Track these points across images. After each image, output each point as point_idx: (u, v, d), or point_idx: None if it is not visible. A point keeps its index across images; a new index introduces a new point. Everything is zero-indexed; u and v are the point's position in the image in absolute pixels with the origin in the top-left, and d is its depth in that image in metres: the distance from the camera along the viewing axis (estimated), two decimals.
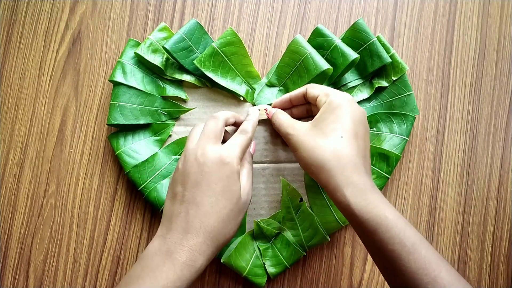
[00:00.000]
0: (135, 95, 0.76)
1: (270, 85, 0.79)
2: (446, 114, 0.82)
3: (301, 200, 0.78)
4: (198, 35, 0.77)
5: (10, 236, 0.81)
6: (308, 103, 0.75)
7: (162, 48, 0.77)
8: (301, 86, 0.75)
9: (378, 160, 0.78)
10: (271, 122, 0.74)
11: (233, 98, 0.79)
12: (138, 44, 0.79)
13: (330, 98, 0.66)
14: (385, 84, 0.78)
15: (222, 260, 0.75)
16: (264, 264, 0.77)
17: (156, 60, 0.77)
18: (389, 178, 0.78)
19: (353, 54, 0.74)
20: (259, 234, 0.78)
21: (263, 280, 0.77)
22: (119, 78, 0.76)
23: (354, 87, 0.79)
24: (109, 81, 0.77)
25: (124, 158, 0.77)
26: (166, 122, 0.79)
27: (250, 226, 0.79)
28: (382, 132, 0.78)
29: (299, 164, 0.68)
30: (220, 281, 0.80)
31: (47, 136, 0.82)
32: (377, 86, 0.78)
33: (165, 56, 0.77)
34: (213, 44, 0.75)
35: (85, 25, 0.83)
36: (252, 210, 0.79)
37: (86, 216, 0.81)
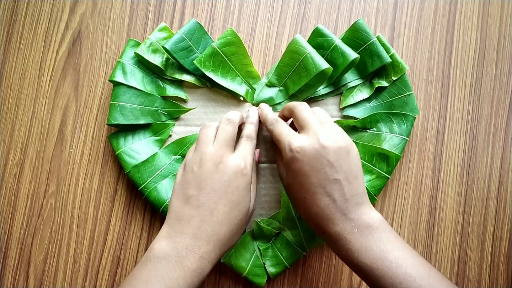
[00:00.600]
0: (135, 95, 0.77)
1: (270, 85, 0.79)
2: (446, 114, 0.82)
3: None
4: (198, 35, 0.77)
5: (10, 236, 0.81)
6: None
7: (162, 48, 0.77)
8: (301, 85, 0.75)
9: (378, 160, 0.78)
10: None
11: (233, 98, 0.79)
12: (138, 44, 0.79)
13: (284, 156, 0.65)
14: (385, 84, 0.78)
15: (222, 260, 0.75)
16: (264, 264, 0.77)
17: (156, 60, 0.77)
18: (389, 178, 0.78)
19: (353, 54, 0.74)
20: (259, 234, 0.78)
21: (263, 280, 0.77)
22: (119, 78, 0.76)
23: (354, 87, 0.79)
24: (109, 81, 0.77)
25: (124, 158, 0.77)
26: (166, 122, 0.79)
27: (250, 226, 0.79)
28: (382, 132, 0.78)
29: None
30: (220, 281, 0.80)
31: (47, 136, 0.82)
32: (377, 86, 0.78)
33: (165, 56, 0.77)
34: (213, 44, 0.75)
35: (85, 25, 0.83)
36: None
37: (86, 216, 0.81)
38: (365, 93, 0.79)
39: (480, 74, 0.83)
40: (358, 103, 0.80)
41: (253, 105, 0.79)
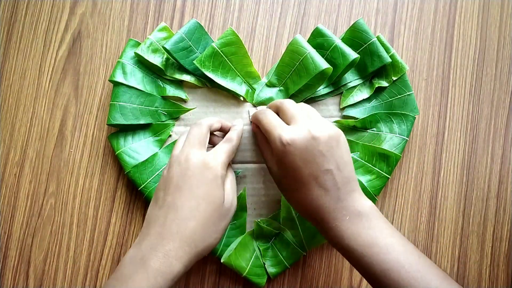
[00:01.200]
0: (135, 95, 0.77)
1: (270, 85, 0.79)
2: (446, 114, 0.82)
3: None
4: (198, 35, 0.77)
5: (10, 236, 0.81)
6: None
7: (162, 48, 0.77)
8: (301, 85, 0.75)
9: (378, 160, 0.78)
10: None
11: (233, 98, 0.79)
12: (138, 44, 0.79)
13: (274, 148, 0.64)
14: (385, 84, 0.78)
15: (222, 260, 0.75)
16: (264, 264, 0.77)
17: (156, 60, 0.77)
18: (389, 178, 0.78)
19: (353, 54, 0.74)
20: (259, 234, 0.78)
21: (263, 280, 0.77)
22: (119, 78, 0.76)
23: (354, 87, 0.79)
24: (109, 81, 0.77)
25: (124, 158, 0.77)
26: (166, 122, 0.79)
27: (250, 226, 0.79)
28: (382, 132, 0.78)
29: None
30: (220, 281, 0.80)
31: (47, 136, 0.82)
32: (377, 86, 0.78)
33: (165, 56, 0.77)
34: (213, 44, 0.75)
35: (85, 25, 0.83)
36: (252, 210, 0.79)
37: (86, 216, 0.81)
38: (365, 93, 0.79)
39: (480, 74, 0.83)
40: (358, 103, 0.80)
41: (253, 105, 0.79)
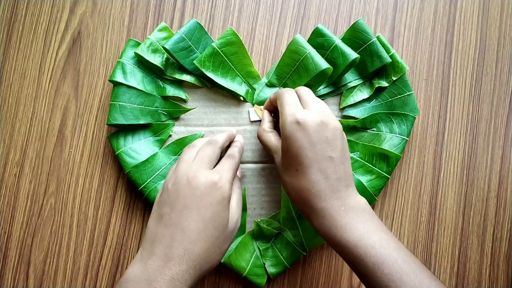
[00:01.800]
0: (135, 95, 0.76)
1: (270, 85, 0.79)
2: (446, 114, 0.82)
3: None
4: (198, 35, 0.77)
5: (10, 236, 0.81)
6: None
7: (162, 48, 0.77)
8: (300, 85, 0.75)
9: (378, 160, 0.78)
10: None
11: (233, 98, 0.79)
12: (138, 44, 0.79)
13: (281, 124, 0.65)
14: (385, 84, 0.78)
15: (222, 260, 0.75)
16: (264, 264, 0.77)
17: (156, 60, 0.77)
18: (389, 178, 0.78)
19: (353, 54, 0.74)
20: (259, 234, 0.78)
21: (263, 280, 0.77)
22: (119, 78, 0.76)
23: (354, 87, 0.79)
24: (109, 81, 0.77)
25: (124, 158, 0.77)
26: (166, 122, 0.79)
27: (250, 226, 0.79)
28: (382, 132, 0.78)
29: None
30: (220, 281, 0.80)
31: (47, 136, 0.82)
32: (377, 86, 0.78)
33: (165, 56, 0.77)
34: (213, 44, 0.75)
35: (85, 25, 0.83)
36: (252, 210, 0.79)
37: (86, 216, 0.81)
38: (365, 93, 0.79)
39: (480, 74, 0.83)
40: (358, 103, 0.80)
41: (253, 105, 0.79)
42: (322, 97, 0.80)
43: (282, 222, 0.78)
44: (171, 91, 0.78)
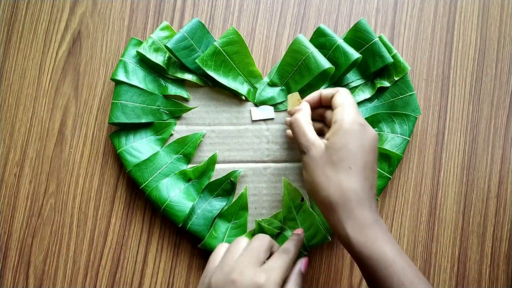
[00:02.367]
0: (137, 94, 0.76)
1: (272, 84, 0.79)
2: (446, 114, 0.83)
3: (302, 199, 0.78)
4: (200, 34, 0.77)
5: (10, 236, 0.80)
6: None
7: (164, 47, 0.77)
8: (303, 85, 0.75)
9: (380, 160, 0.78)
10: (288, 123, 0.71)
11: (235, 97, 0.80)
12: (140, 42, 0.79)
13: (341, 118, 0.64)
14: (387, 84, 0.78)
15: None
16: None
17: (158, 59, 0.77)
18: (390, 178, 0.78)
19: (355, 54, 0.74)
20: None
21: None
22: (121, 76, 0.76)
23: (356, 87, 0.80)
24: (111, 79, 0.77)
25: (125, 156, 0.77)
26: (167, 121, 0.79)
27: (251, 226, 0.79)
28: (384, 132, 0.78)
29: (304, 183, 0.67)
30: None
31: (47, 136, 0.82)
32: (379, 86, 0.78)
33: (167, 55, 0.77)
34: (215, 43, 0.75)
35: (85, 25, 0.83)
36: (253, 209, 0.79)
37: (86, 216, 0.81)
38: (367, 93, 0.79)
39: (480, 74, 0.83)
40: (360, 103, 0.80)
41: (254, 104, 0.79)
42: None
43: (283, 221, 0.78)
44: (173, 90, 0.78)
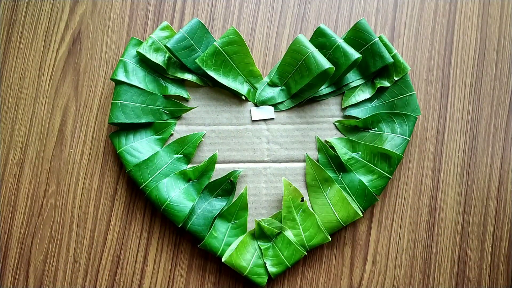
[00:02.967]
0: (137, 94, 0.76)
1: (272, 84, 0.79)
2: (446, 114, 0.83)
3: (302, 199, 0.78)
4: (200, 34, 0.77)
5: (10, 236, 0.80)
6: None
7: (164, 47, 0.77)
8: (303, 85, 0.75)
9: (380, 160, 0.78)
10: None
11: (235, 97, 0.80)
12: (140, 42, 0.79)
13: None
14: (387, 84, 0.78)
15: (223, 259, 0.75)
16: (265, 263, 0.77)
17: (158, 59, 0.77)
18: (390, 178, 0.78)
19: (355, 54, 0.74)
20: (260, 234, 0.78)
21: (264, 279, 0.77)
22: (121, 76, 0.76)
23: (356, 87, 0.80)
24: (111, 79, 0.77)
25: (125, 156, 0.77)
26: (167, 121, 0.79)
27: (251, 226, 0.79)
28: (384, 132, 0.78)
29: None
30: (220, 281, 0.80)
31: (47, 136, 0.82)
32: (379, 86, 0.78)
33: (167, 55, 0.77)
34: (215, 43, 0.75)
35: (85, 25, 0.83)
36: (253, 209, 0.79)
37: (86, 216, 0.81)
38: (367, 93, 0.79)
39: (480, 74, 0.83)
40: (360, 103, 0.80)
41: (255, 104, 0.79)
42: (324, 97, 0.80)
43: (283, 221, 0.78)
44: (173, 90, 0.78)
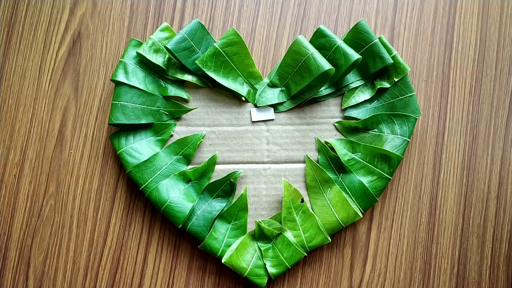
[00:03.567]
0: (137, 95, 0.76)
1: (272, 85, 0.79)
2: (446, 114, 0.83)
3: (302, 200, 0.78)
4: (200, 35, 0.77)
5: (10, 236, 0.80)
6: None
7: (164, 48, 0.77)
8: (303, 86, 0.75)
9: (380, 161, 0.78)
10: None
11: (234, 98, 0.80)
12: (140, 43, 0.79)
13: None
14: (386, 85, 0.78)
15: (223, 260, 0.75)
16: (265, 264, 0.77)
17: (158, 60, 0.77)
18: (390, 179, 0.78)
19: (355, 55, 0.74)
20: (260, 235, 0.78)
21: (264, 280, 0.77)
22: (121, 77, 0.76)
23: (356, 88, 0.80)
24: (111, 80, 0.77)
25: (125, 157, 0.77)
26: (167, 122, 0.79)
27: (251, 227, 0.79)
28: (384, 133, 0.78)
29: None
30: (220, 282, 0.80)
31: (47, 136, 0.82)
32: (378, 87, 0.78)
33: (167, 56, 0.77)
34: (215, 44, 0.75)
35: (85, 26, 0.83)
36: (253, 210, 0.79)
37: (86, 216, 0.81)
38: (366, 94, 0.79)
39: (480, 75, 0.83)
40: (359, 104, 0.80)
41: (254, 105, 0.79)
42: (324, 98, 0.80)
43: (283, 222, 0.78)
44: (173, 91, 0.78)
